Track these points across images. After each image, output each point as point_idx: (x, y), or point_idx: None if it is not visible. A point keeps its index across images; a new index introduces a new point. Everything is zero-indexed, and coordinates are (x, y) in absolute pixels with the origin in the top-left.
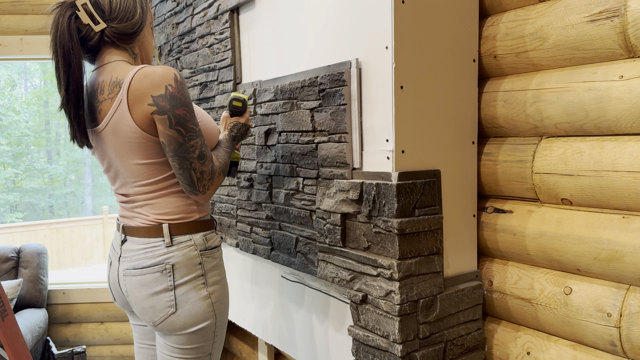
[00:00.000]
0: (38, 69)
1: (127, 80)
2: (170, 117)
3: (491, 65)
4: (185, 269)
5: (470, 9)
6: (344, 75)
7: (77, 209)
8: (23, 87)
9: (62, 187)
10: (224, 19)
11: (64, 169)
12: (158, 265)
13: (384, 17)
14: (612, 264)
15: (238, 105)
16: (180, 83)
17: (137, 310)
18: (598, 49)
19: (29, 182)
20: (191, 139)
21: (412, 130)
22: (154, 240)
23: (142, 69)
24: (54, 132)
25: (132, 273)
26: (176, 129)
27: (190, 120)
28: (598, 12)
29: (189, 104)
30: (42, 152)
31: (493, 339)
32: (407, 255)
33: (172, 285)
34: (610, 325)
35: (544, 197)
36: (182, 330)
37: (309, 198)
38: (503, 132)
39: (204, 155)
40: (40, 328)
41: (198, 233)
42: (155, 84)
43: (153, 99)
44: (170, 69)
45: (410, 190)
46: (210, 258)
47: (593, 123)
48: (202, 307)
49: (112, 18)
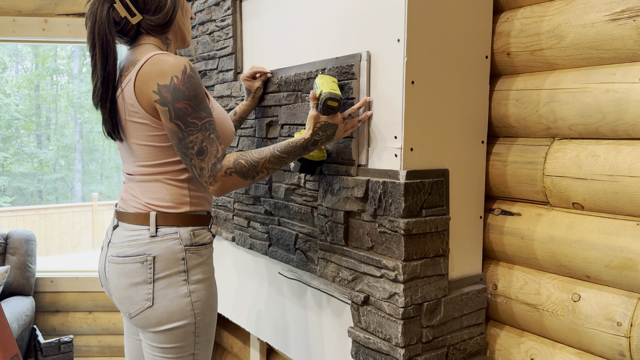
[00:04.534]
0: (30, 51)
1: (140, 62)
2: (171, 110)
3: (504, 62)
4: (167, 263)
5: (484, 4)
6: (353, 67)
7: (66, 195)
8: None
9: (52, 173)
10: (226, 6)
11: (54, 154)
12: (140, 255)
13: (396, 8)
14: (625, 271)
15: (334, 105)
16: (188, 76)
17: (116, 300)
18: (618, 50)
19: (17, 166)
20: (191, 134)
21: (422, 127)
22: (139, 228)
23: (156, 55)
24: (44, 116)
25: (115, 261)
26: (175, 122)
27: (191, 114)
28: (620, 11)
29: (194, 97)
30: (32, 136)
31: (495, 343)
32: (413, 256)
33: (151, 278)
34: (620, 334)
35: (555, 200)
36: (156, 327)
37: (311, 194)
38: (514, 132)
39: (204, 151)
40: (27, 316)
41: (186, 227)
42: (163, 72)
43: (158, 87)
44: (183, 59)
45: (418, 189)
46: (196, 255)
47: (609, 126)
48: (179, 305)
49: (147, 9)
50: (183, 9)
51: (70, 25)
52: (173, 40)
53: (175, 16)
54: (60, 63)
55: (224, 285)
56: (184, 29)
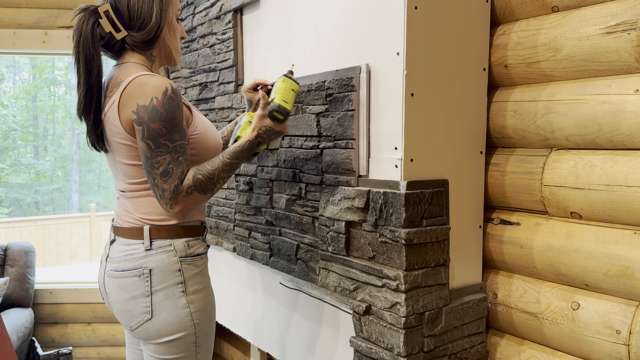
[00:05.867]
0: (27, 62)
1: (124, 84)
2: (144, 130)
3: (501, 74)
4: (163, 275)
5: (481, 17)
6: (353, 80)
7: (63, 206)
8: (11, 81)
9: (49, 183)
10: (227, 19)
11: (51, 164)
12: (136, 269)
13: (396, 22)
14: (623, 280)
15: (279, 117)
16: (168, 97)
17: (116, 313)
18: (613, 62)
19: (14, 177)
20: (159, 155)
21: (422, 138)
22: (135, 243)
23: (140, 76)
24: (41, 127)
25: (114, 275)
26: (146, 142)
27: (165, 135)
28: (614, 24)
29: (171, 119)
30: (29, 147)
31: (496, 352)
32: (414, 266)
33: (148, 291)
34: (619, 342)
35: (553, 210)
36: (157, 339)
37: (312, 204)
38: (512, 143)
39: (169, 172)
40: (26, 328)
41: (180, 239)
42: (144, 93)
43: (137, 107)
44: (165, 81)
45: (419, 200)
46: (192, 265)
47: (606, 137)
48: (179, 316)
49: (132, 26)
50: (170, 27)
51: (70, 37)
52: (158, 57)
53: (159, 34)
54: (58, 74)
55: (225, 296)
56: (170, 47)
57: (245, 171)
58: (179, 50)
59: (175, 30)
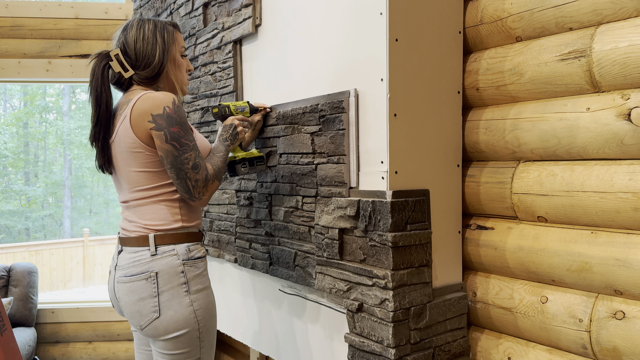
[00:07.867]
0: (19, 90)
1: (133, 101)
2: (166, 134)
3: (474, 96)
4: (168, 277)
5: (455, 47)
6: (343, 103)
7: (54, 232)
8: (2, 108)
9: (40, 210)
10: (227, 49)
11: (42, 191)
12: (144, 273)
13: (379, 53)
14: (583, 274)
15: (215, 111)
16: (177, 106)
17: (127, 315)
18: (568, 84)
19: (5, 204)
20: (185, 152)
21: (404, 153)
22: (141, 250)
23: (146, 93)
24: (32, 153)
25: (123, 280)
26: (171, 143)
27: (184, 136)
28: (567, 52)
29: (184, 123)
30: (20, 173)
31: (477, 346)
32: (400, 266)
33: (156, 292)
34: (581, 330)
35: (522, 215)
36: (165, 335)
37: (308, 215)
38: (485, 157)
39: (198, 165)
40: (29, 347)
41: (182, 244)
42: (155, 104)
43: (152, 117)
44: (170, 94)
45: (403, 207)
46: (193, 267)
47: (564, 149)
48: (184, 313)
49: (137, 65)
50: (175, 63)
51: (72, 66)
52: (163, 88)
53: (163, 70)
54: (50, 100)
55: (227, 305)
56: (174, 81)
57: (245, 187)
58: (184, 82)
59: (180, 66)
